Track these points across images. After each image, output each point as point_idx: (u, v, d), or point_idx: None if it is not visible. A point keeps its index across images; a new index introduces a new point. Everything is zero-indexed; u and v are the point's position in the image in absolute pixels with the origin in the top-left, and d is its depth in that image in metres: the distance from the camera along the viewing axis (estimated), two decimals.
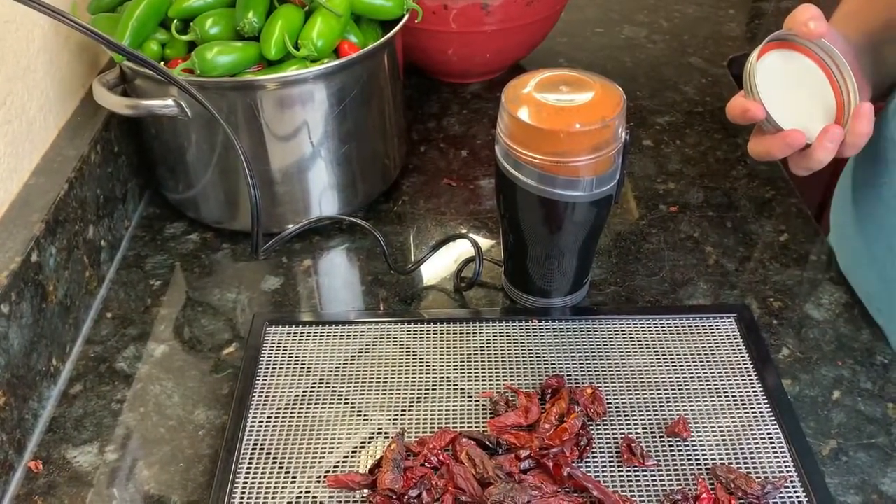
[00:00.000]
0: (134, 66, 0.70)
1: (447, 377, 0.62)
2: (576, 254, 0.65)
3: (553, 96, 0.59)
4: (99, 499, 0.56)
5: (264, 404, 0.61)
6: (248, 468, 0.56)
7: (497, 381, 0.62)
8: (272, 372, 0.63)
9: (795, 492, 0.53)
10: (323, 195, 0.77)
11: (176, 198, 0.81)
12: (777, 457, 0.56)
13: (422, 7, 0.81)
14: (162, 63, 0.70)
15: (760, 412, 0.59)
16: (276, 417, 0.60)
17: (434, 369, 0.63)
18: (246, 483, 0.55)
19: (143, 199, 0.84)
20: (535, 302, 0.69)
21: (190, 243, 0.79)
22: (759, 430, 0.57)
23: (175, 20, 0.71)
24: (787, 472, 0.55)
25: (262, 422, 0.59)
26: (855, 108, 0.58)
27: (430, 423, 0.59)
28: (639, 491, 0.54)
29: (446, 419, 0.59)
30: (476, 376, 0.62)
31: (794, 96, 0.60)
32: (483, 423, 0.58)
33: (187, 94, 0.64)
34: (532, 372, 0.62)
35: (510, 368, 0.63)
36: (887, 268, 0.67)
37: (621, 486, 0.54)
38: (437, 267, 0.75)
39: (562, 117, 0.58)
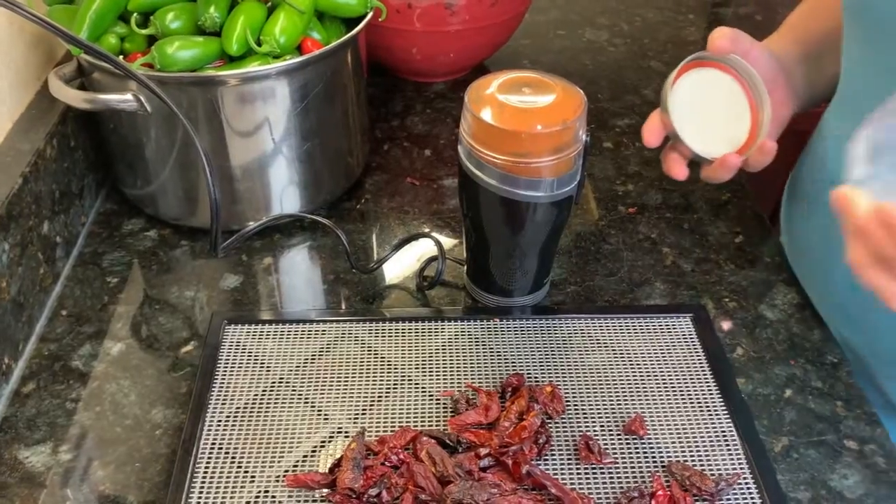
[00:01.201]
0: (92, 60, 0.68)
1: (408, 376, 0.62)
2: (537, 254, 0.66)
3: (516, 98, 0.60)
4: (52, 500, 0.55)
5: (223, 403, 0.60)
6: (206, 468, 0.56)
7: (458, 379, 0.62)
8: (231, 371, 0.63)
9: (748, 488, 0.55)
10: (284, 193, 0.77)
11: (134, 194, 0.79)
12: (731, 454, 0.57)
13: (386, 5, 0.81)
14: (121, 57, 0.69)
15: (715, 410, 0.60)
16: (234, 417, 0.59)
17: (395, 368, 0.63)
18: (204, 483, 0.55)
19: (100, 195, 0.83)
20: (496, 301, 0.69)
21: (148, 240, 0.78)
22: (713, 427, 0.59)
23: (134, 13, 0.70)
24: (741, 468, 0.56)
25: (220, 421, 0.59)
26: (760, 143, 0.61)
27: (391, 422, 0.59)
28: (596, 488, 0.54)
29: (407, 418, 0.59)
30: (437, 375, 0.62)
31: (710, 114, 0.63)
32: (444, 421, 0.59)
33: (146, 88, 0.64)
34: (493, 370, 0.63)
35: (471, 367, 0.63)
36: (829, 265, 0.69)
37: (579, 484, 0.55)
38: (400, 266, 0.75)
39: (524, 119, 0.59)
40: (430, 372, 0.63)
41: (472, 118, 0.59)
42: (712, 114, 0.63)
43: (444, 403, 0.60)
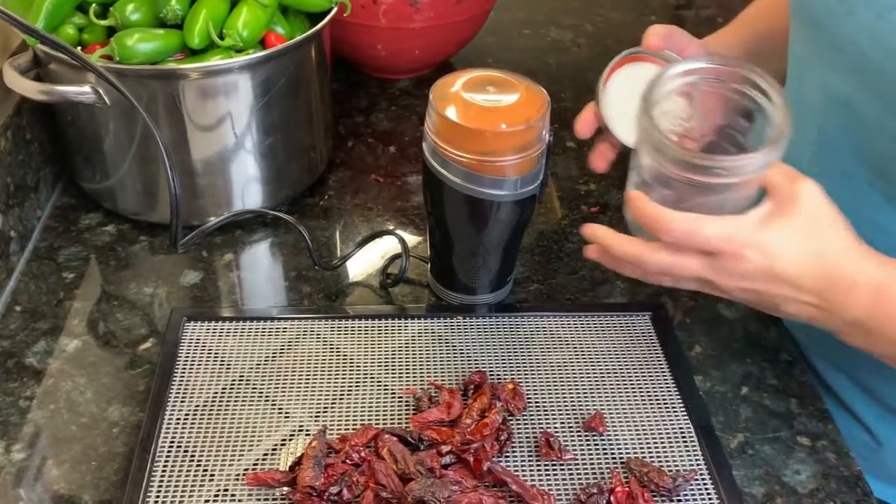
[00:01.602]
0: (49, 51, 0.67)
1: (371, 374, 0.62)
2: (500, 252, 0.66)
3: (480, 96, 0.60)
4: (5, 500, 0.54)
5: (182, 401, 0.59)
6: (165, 466, 0.55)
7: (421, 377, 0.62)
8: (190, 368, 0.62)
9: (705, 484, 0.55)
10: (246, 188, 0.76)
11: (92, 188, 0.78)
12: (688, 450, 0.58)
13: (351, 1, 0.81)
14: (79, 48, 0.68)
15: (673, 407, 0.61)
16: (194, 415, 0.58)
17: (358, 366, 0.63)
18: (162, 481, 0.54)
19: (56, 189, 0.81)
20: (459, 298, 0.69)
21: (106, 235, 0.76)
22: (671, 424, 0.60)
23: (94, 4, 0.68)
24: (698, 465, 0.57)
25: (179, 419, 0.58)
26: None
27: (353, 420, 0.59)
28: (556, 484, 0.55)
29: (369, 416, 0.59)
30: (400, 373, 0.62)
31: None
32: (406, 419, 0.59)
33: (105, 80, 0.63)
34: (455, 368, 0.63)
35: (434, 365, 0.63)
36: None
37: (539, 480, 0.55)
38: (363, 263, 0.74)
39: (488, 117, 0.59)
40: (393, 370, 0.63)
41: (437, 116, 0.60)
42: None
43: (407, 401, 0.60)
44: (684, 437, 0.59)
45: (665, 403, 0.61)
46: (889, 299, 0.50)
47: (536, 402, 0.61)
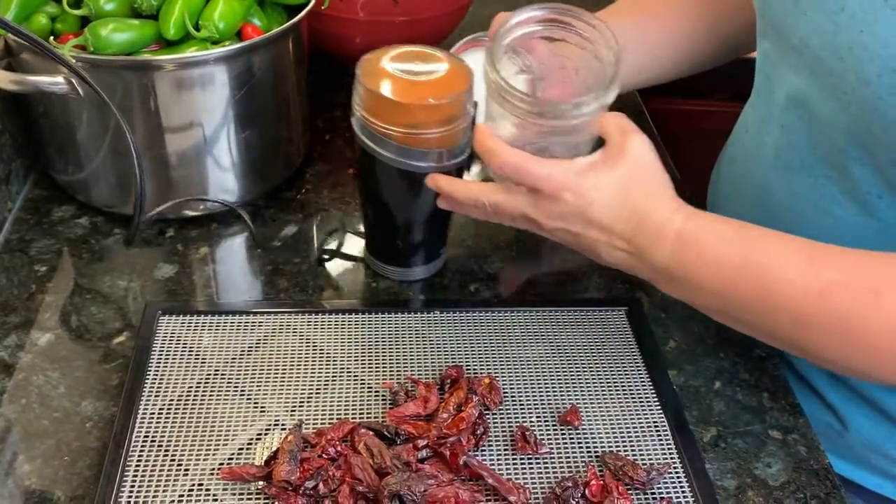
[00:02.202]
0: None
1: (347, 368, 0.62)
2: (430, 224, 0.68)
3: (406, 70, 0.61)
4: None
5: (156, 395, 0.59)
6: (139, 461, 0.54)
7: (397, 371, 0.62)
8: (165, 362, 0.61)
9: (678, 477, 0.56)
10: (222, 181, 0.75)
11: (65, 180, 0.77)
12: (662, 444, 0.58)
13: None
14: (52, 38, 0.67)
15: (648, 401, 0.61)
16: (168, 409, 0.58)
17: (334, 360, 0.63)
18: (136, 476, 0.53)
19: (28, 180, 0.80)
20: (391, 271, 0.71)
21: (79, 227, 0.75)
22: (646, 418, 0.60)
23: None
24: (671, 458, 0.57)
25: (153, 413, 0.58)
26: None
27: (329, 415, 0.58)
28: (532, 478, 0.55)
29: (346, 410, 0.59)
30: (376, 367, 0.62)
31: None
32: (383, 413, 0.59)
33: (74, 73, 0.62)
34: (432, 363, 0.63)
35: (411, 359, 0.63)
36: None
37: (515, 474, 0.55)
38: (340, 259, 0.74)
39: (414, 91, 0.60)
40: (370, 364, 0.63)
41: (364, 90, 0.61)
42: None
43: (384, 395, 0.60)
44: (658, 430, 0.59)
45: (640, 397, 0.62)
46: (689, 247, 0.54)
47: (512, 397, 0.61)
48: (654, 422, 0.60)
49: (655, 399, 0.62)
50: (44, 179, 0.80)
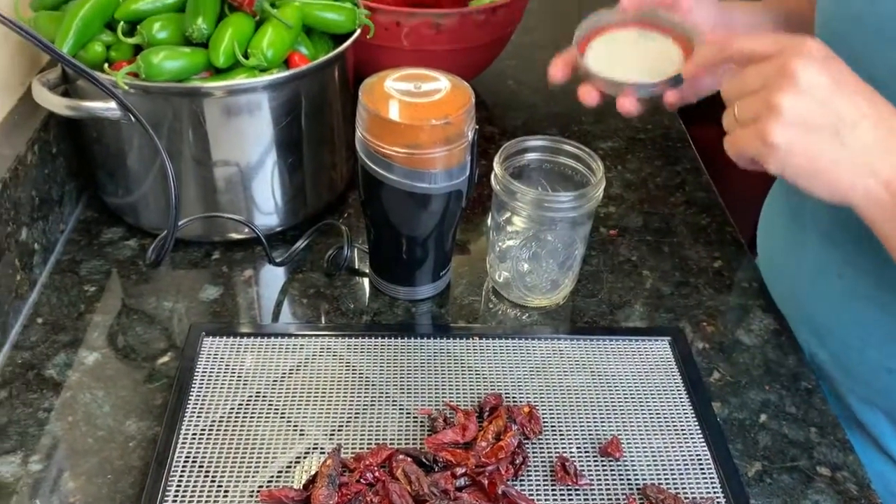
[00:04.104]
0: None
1: (386, 393, 0.62)
2: (430, 245, 0.69)
3: (406, 92, 0.63)
4: None
5: (198, 416, 0.60)
6: (180, 481, 0.55)
7: (436, 397, 0.62)
8: (207, 383, 0.62)
9: None
10: (267, 205, 0.77)
11: (115, 202, 0.79)
12: (705, 477, 0.57)
13: (374, 23, 0.82)
14: (106, 65, 0.69)
15: (691, 434, 0.60)
16: (210, 430, 0.59)
17: (373, 384, 0.63)
18: (177, 497, 0.54)
19: (80, 203, 0.82)
20: (391, 290, 0.72)
21: (127, 249, 0.77)
22: (689, 451, 0.59)
23: (121, 22, 0.70)
24: (714, 492, 0.56)
25: (195, 434, 0.58)
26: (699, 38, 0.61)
27: (368, 439, 0.58)
28: None
29: (384, 435, 0.59)
30: (415, 392, 0.62)
31: (633, 64, 0.64)
32: (421, 439, 0.58)
33: (120, 104, 0.64)
34: (471, 389, 0.63)
35: (450, 385, 0.63)
36: (800, 281, 0.70)
37: None
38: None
39: (415, 112, 0.62)
40: (409, 389, 0.62)
41: (366, 112, 0.62)
42: (637, 61, 0.64)
43: (422, 421, 0.60)
44: (701, 464, 0.58)
45: (683, 429, 0.61)
46: None
47: (553, 426, 0.60)
48: (698, 455, 0.59)
49: (699, 431, 0.60)
50: (95, 202, 0.82)
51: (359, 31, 0.77)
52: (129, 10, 0.70)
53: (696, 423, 0.61)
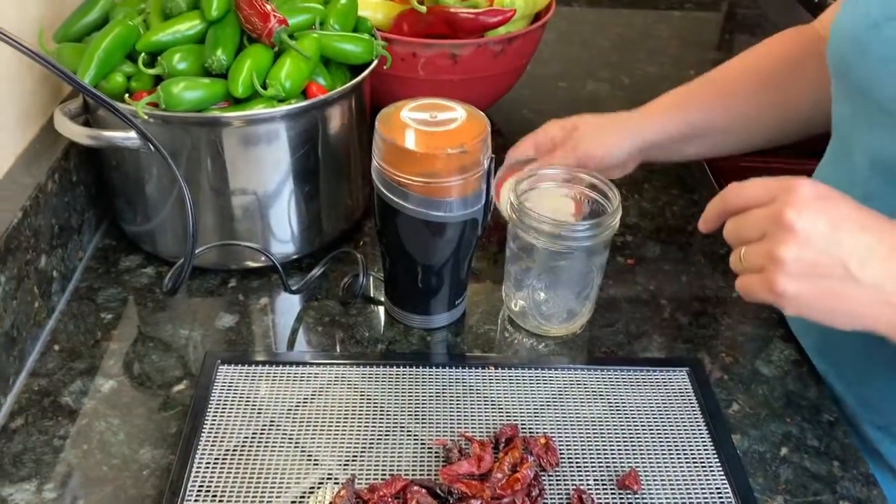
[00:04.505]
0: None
1: (401, 423, 0.62)
2: (446, 273, 0.69)
3: (423, 119, 0.63)
4: None
5: (212, 445, 0.59)
6: None
7: (451, 427, 0.61)
8: (222, 412, 0.62)
9: None
10: (283, 233, 0.77)
11: (133, 230, 0.80)
12: None
13: (391, 53, 0.82)
14: (127, 95, 0.70)
15: (710, 467, 0.59)
16: (224, 459, 0.58)
17: (388, 414, 0.62)
18: None
19: (99, 231, 0.83)
20: (407, 318, 0.72)
21: (144, 277, 0.77)
22: (708, 484, 0.58)
23: (142, 53, 0.71)
24: None
25: (209, 463, 0.58)
26: None
27: (382, 470, 0.58)
28: None
29: (398, 466, 0.58)
30: (430, 423, 0.62)
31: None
32: (436, 470, 0.58)
33: (140, 134, 0.65)
34: (487, 419, 0.62)
35: (465, 415, 0.62)
36: None
37: None
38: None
39: (431, 141, 0.62)
40: (423, 419, 0.62)
41: (382, 141, 0.63)
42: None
43: (437, 452, 0.59)
44: (721, 497, 0.57)
45: (702, 462, 0.60)
46: None
47: (569, 458, 0.60)
48: (717, 488, 0.58)
49: (718, 464, 0.59)
50: (113, 230, 0.83)
51: (376, 62, 0.78)
52: (150, 42, 0.71)
53: (716, 456, 0.60)
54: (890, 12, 0.59)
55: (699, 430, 0.62)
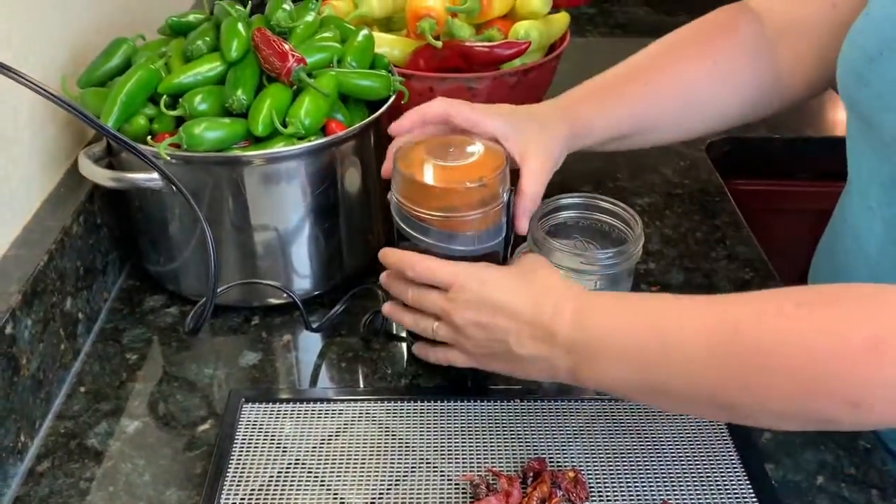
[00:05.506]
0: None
1: (427, 458, 0.61)
2: None
3: (441, 153, 0.63)
4: None
5: (237, 485, 0.59)
6: None
7: (478, 462, 0.61)
8: (247, 451, 0.62)
9: None
10: (305, 269, 0.77)
11: (157, 270, 0.80)
12: None
13: (409, 88, 0.83)
14: (149, 137, 0.71)
15: (744, 497, 0.58)
16: (249, 498, 0.58)
17: (413, 450, 0.62)
18: None
19: (123, 271, 0.84)
20: None
21: (169, 317, 0.78)
22: None
23: (164, 96, 0.72)
24: None
25: (234, 503, 0.57)
26: None
27: None
28: None
29: (425, 503, 0.57)
30: (457, 458, 0.61)
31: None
32: None
33: (162, 175, 0.66)
34: (514, 454, 0.61)
35: (492, 450, 0.62)
36: None
37: None
38: None
39: (449, 175, 0.62)
40: (449, 455, 0.61)
41: (400, 175, 0.63)
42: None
43: (464, 488, 0.59)
44: None
45: (735, 493, 0.58)
46: (589, 313, 0.55)
47: (599, 492, 0.58)
48: None
49: (752, 495, 0.58)
50: (137, 270, 0.83)
51: (393, 97, 0.78)
52: (172, 84, 0.72)
53: (749, 486, 0.58)
54: (884, 46, 0.59)
55: (731, 459, 0.61)
